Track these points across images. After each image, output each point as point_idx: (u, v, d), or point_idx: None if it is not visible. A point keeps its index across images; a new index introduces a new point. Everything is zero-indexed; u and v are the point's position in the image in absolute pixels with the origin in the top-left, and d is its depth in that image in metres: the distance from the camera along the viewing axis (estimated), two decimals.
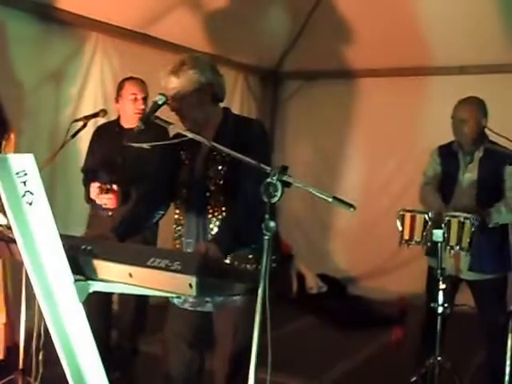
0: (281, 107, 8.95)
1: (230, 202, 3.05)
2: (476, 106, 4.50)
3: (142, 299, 4.59)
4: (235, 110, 6.73)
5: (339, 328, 6.45)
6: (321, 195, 2.26)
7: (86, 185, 4.56)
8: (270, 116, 8.81)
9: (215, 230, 3.06)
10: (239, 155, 2.62)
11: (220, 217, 3.07)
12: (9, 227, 2.54)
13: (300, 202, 7.80)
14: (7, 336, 4.85)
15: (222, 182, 3.06)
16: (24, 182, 2.14)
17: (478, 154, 4.51)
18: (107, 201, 4.39)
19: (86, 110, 5.49)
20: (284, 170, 2.29)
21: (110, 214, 4.38)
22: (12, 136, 4.76)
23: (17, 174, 2.12)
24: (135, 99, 4.61)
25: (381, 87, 7.92)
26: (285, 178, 2.27)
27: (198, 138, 2.83)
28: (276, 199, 2.26)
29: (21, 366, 4.44)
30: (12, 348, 4.79)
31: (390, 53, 7.42)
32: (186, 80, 3.00)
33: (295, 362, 4.85)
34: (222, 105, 3.23)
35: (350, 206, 2.25)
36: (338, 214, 8.26)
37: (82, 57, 6.12)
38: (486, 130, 4.51)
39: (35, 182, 2.16)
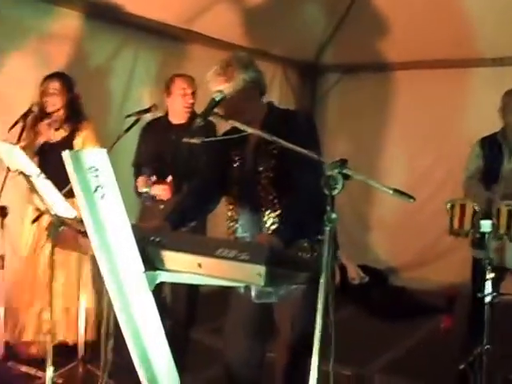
0: (319, 100, 8.93)
1: (281, 194, 3.10)
2: None
3: (193, 289, 4.70)
4: None
5: (382, 319, 6.47)
6: (381, 188, 2.31)
7: (137, 179, 4.67)
8: (308, 109, 8.80)
9: (269, 223, 3.12)
10: (294, 146, 2.67)
11: (273, 210, 3.12)
12: (79, 220, 2.64)
13: (340, 193, 7.82)
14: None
15: (272, 176, 3.12)
16: (96, 177, 2.21)
17: None
18: (161, 192, 4.50)
19: (133, 106, 5.59)
20: (344, 162, 2.34)
21: (162, 207, 4.47)
22: (89, 128, 4.92)
23: (89, 168, 2.20)
24: (184, 94, 4.72)
25: (419, 80, 7.86)
26: (345, 171, 2.32)
27: (254, 131, 2.90)
28: (337, 192, 2.30)
29: (81, 354, 4.61)
30: None
31: (428, 45, 7.34)
32: (233, 80, 3.07)
33: (342, 351, 4.90)
34: (264, 99, 3.29)
35: (410, 197, 2.30)
36: (378, 205, 8.26)
37: (127, 53, 6.20)
38: None
39: (107, 177, 2.23)
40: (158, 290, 4.54)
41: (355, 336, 5.81)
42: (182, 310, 4.68)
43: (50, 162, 4.25)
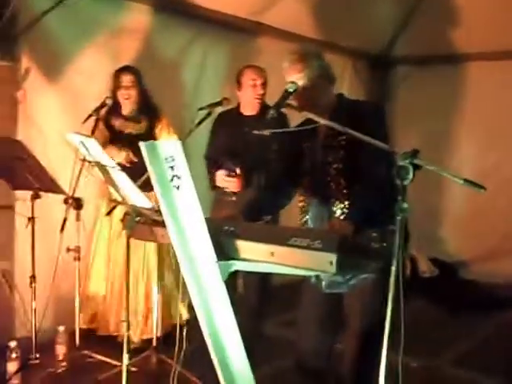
0: (390, 93, 8.87)
1: (352, 184, 3.12)
2: None
3: (265, 281, 4.76)
4: None
5: (452, 312, 6.42)
6: (452, 177, 2.31)
7: (210, 171, 4.76)
8: (379, 101, 8.73)
9: (338, 213, 3.14)
10: (365, 137, 2.69)
11: (342, 200, 3.14)
12: (156, 210, 2.71)
13: (409, 186, 7.76)
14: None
15: (341, 167, 3.14)
16: (172, 167, 2.28)
17: None
18: (231, 184, 4.56)
19: (204, 99, 5.67)
20: (415, 153, 2.35)
21: (234, 198, 4.53)
22: (164, 121, 5.02)
23: (165, 159, 2.27)
24: (254, 85, 4.77)
25: (493, 71, 7.73)
26: (416, 161, 2.33)
27: (328, 122, 2.93)
28: (408, 182, 2.32)
29: (154, 343, 4.71)
30: None
31: (502, 35, 7.19)
32: (307, 70, 3.09)
33: (413, 342, 4.90)
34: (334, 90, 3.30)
35: (481, 187, 2.30)
36: (448, 197, 8.20)
37: (198, 47, 6.27)
38: None
39: (182, 167, 2.30)
40: (232, 285, 4.68)
41: (425, 329, 5.80)
42: (254, 302, 4.74)
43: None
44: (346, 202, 3.13)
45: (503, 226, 5.04)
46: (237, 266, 2.46)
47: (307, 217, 3.29)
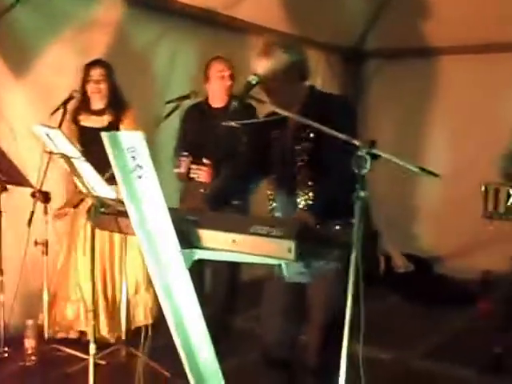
0: (363, 86, 8.93)
1: (317, 176, 3.14)
2: None
3: (233, 276, 4.80)
4: None
5: (426, 306, 6.48)
6: (407, 166, 2.35)
7: (179, 163, 4.76)
8: (352, 95, 8.76)
9: (302, 204, 3.16)
10: (328, 129, 2.70)
11: (308, 191, 3.16)
12: (119, 201, 2.72)
13: (385, 181, 7.76)
14: None
15: (308, 158, 3.16)
16: (134, 157, 2.29)
17: None
18: (200, 173, 4.58)
19: (174, 92, 5.68)
20: (373, 143, 2.39)
21: (203, 190, 4.55)
22: (129, 115, 5.03)
23: (127, 149, 2.28)
24: (222, 77, 4.81)
25: (463, 65, 7.80)
26: (373, 151, 2.37)
27: (291, 115, 2.95)
28: (365, 171, 2.35)
29: (123, 336, 4.72)
30: None
31: (472, 29, 7.27)
32: (275, 60, 3.11)
33: (385, 336, 4.96)
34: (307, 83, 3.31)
35: (435, 174, 2.33)
36: (422, 192, 8.27)
37: (168, 41, 6.27)
38: None
39: (144, 157, 2.31)
40: (200, 280, 4.69)
41: (398, 323, 5.88)
42: (222, 297, 4.79)
43: (87, 147, 4.36)
44: (311, 194, 3.15)
45: (476, 222, 5.07)
46: (200, 254, 2.48)
47: (274, 205, 3.31)
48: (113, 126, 4.95)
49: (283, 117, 3.11)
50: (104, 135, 2.27)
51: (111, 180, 2.99)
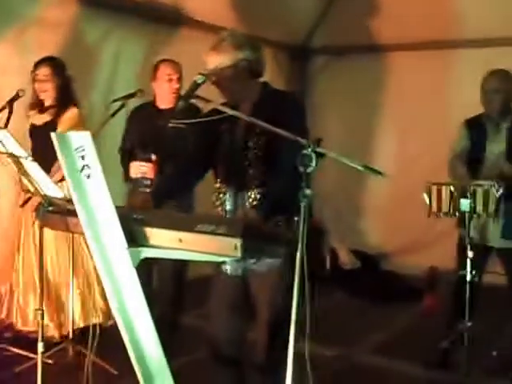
0: (310, 83, 8.99)
1: (268, 172, 3.18)
2: (505, 78, 4.64)
3: (180, 275, 4.83)
4: None
5: (373, 303, 6.59)
6: (352, 164, 2.40)
7: (125, 164, 4.77)
8: (299, 92, 8.81)
9: (252, 198, 3.20)
10: (272, 128, 2.74)
11: (258, 186, 3.20)
12: (67, 200, 2.75)
13: (331, 179, 7.81)
14: None
15: (260, 154, 3.20)
16: (82, 157, 2.33)
17: (505, 125, 4.64)
18: (146, 170, 4.59)
19: (119, 91, 5.69)
20: (318, 142, 2.44)
21: (149, 190, 4.55)
22: (70, 112, 5.00)
23: (76, 149, 2.32)
24: (170, 80, 4.83)
25: (410, 61, 7.90)
26: (319, 150, 2.42)
27: (232, 112, 2.98)
28: (311, 169, 2.40)
29: (71, 335, 4.72)
30: None
31: (419, 26, 7.39)
32: (225, 56, 3.15)
33: (331, 333, 5.02)
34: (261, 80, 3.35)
35: (380, 173, 2.39)
36: (368, 189, 8.38)
37: (115, 38, 6.26)
38: None
39: (92, 157, 2.35)
40: (147, 278, 4.69)
41: (345, 319, 5.96)
42: (169, 295, 4.81)
43: (37, 145, 4.35)
44: (260, 189, 3.19)
45: (423, 218, 5.16)
46: (147, 252, 2.51)
47: (224, 198, 3.33)
48: (51, 124, 4.95)
49: (227, 115, 3.15)
50: (53, 136, 2.30)
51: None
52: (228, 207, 3.31)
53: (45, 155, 3.21)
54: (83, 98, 5.34)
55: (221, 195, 3.35)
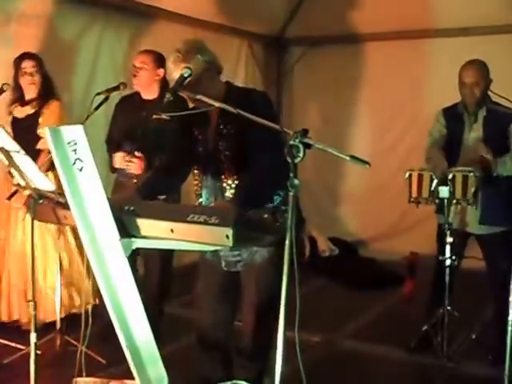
0: (286, 74, 9.01)
1: (240, 169, 3.27)
2: (481, 69, 4.70)
3: (167, 262, 4.87)
4: (240, 79, 6.83)
5: (352, 289, 6.67)
6: (339, 155, 2.45)
7: (110, 154, 4.82)
8: (275, 83, 8.91)
9: (229, 195, 3.29)
10: (257, 118, 2.78)
11: (233, 183, 3.30)
12: (58, 193, 2.79)
13: (309, 167, 7.87)
14: None
15: (230, 154, 3.29)
16: (74, 151, 2.39)
17: (482, 114, 4.71)
18: (133, 165, 4.63)
19: (99, 84, 5.72)
20: (305, 132, 2.49)
21: (135, 181, 4.60)
22: (52, 105, 5.02)
23: (68, 143, 2.38)
24: (146, 69, 4.83)
25: (385, 51, 7.96)
26: (306, 140, 2.47)
27: (223, 106, 3.03)
28: (299, 160, 2.46)
29: (58, 325, 4.75)
30: None
31: (393, 16, 7.45)
32: (195, 64, 3.16)
33: (312, 319, 5.08)
34: (223, 79, 3.42)
35: (366, 163, 2.44)
36: (346, 177, 8.45)
37: (94, 31, 6.28)
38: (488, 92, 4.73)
39: (84, 151, 2.41)
40: (132, 266, 4.74)
41: (326, 306, 6.01)
42: (156, 283, 4.86)
43: (18, 137, 4.37)
44: (234, 187, 3.28)
45: (400, 205, 5.25)
46: (139, 243, 2.57)
47: (201, 200, 3.42)
48: (33, 117, 5.01)
49: (205, 115, 3.27)
50: (46, 130, 2.37)
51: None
52: (204, 202, 3.40)
53: (26, 147, 3.25)
54: (64, 92, 5.35)
55: (197, 197, 3.45)
